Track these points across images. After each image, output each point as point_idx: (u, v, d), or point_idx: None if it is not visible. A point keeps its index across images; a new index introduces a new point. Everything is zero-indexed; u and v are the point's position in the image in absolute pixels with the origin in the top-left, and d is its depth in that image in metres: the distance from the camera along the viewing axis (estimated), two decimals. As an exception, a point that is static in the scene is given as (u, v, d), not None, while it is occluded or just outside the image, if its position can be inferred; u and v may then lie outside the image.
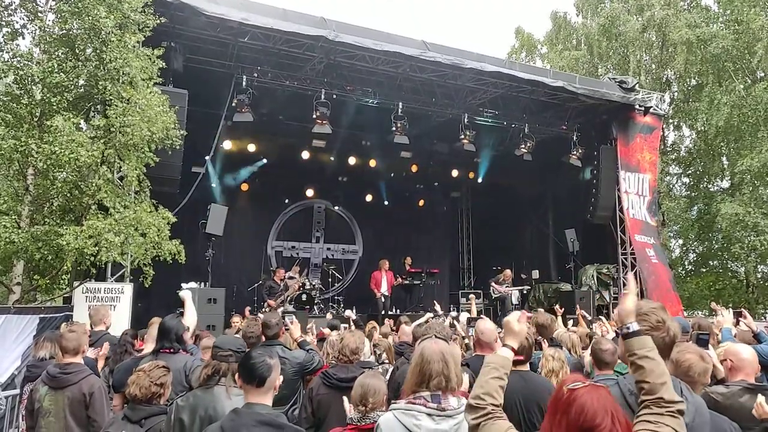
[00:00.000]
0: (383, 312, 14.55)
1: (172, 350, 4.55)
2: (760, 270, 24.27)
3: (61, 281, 12.10)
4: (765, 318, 17.37)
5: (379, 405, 3.35)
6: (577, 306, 11.55)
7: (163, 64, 9.63)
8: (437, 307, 9.40)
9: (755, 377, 4.09)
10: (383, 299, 15.18)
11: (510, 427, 2.20)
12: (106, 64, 8.61)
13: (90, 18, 8.39)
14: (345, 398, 3.50)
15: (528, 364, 4.14)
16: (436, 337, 3.08)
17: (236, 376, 3.47)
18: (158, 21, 9.42)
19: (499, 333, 4.42)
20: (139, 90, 8.77)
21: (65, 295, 10.72)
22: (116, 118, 8.48)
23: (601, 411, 1.88)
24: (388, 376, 5.20)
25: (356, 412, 3.36)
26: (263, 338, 5.38)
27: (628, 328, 2.36)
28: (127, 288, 9.76)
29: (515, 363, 4.05)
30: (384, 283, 15.31)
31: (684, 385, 2.46)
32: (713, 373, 3.81)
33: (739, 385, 3.73)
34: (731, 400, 3.59)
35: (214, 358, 3.58)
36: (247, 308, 12.21)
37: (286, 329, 5.60)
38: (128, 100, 8.61)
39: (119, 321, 8.92)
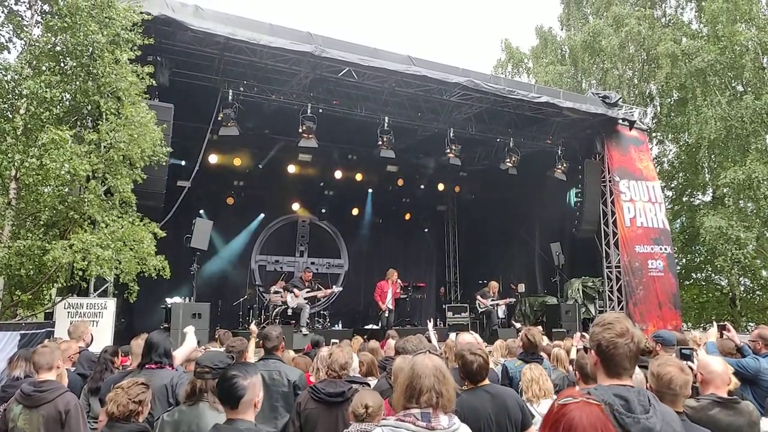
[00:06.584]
0: (387, 327, 13.75)
1: (157, 365, 4.44)
2: (743, 283, 24.47)
3: (44, 296, 11.92)
4: (749, 331, 17.45)
5: (377, 414, 3.33)
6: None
7: (153, 82, 9.55)
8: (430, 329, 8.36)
9: (734, 390, 4.11)
10: (387, 313, 14.51)
11: None
12: (97, 79, 8.55)
13: (82, 33, 8.34)
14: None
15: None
16: (430, 353, 3.08)
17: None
18: (146, 41, 9.36)
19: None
20: (135, 107, 8.74)
21: (47, 311, 10.57)
22: (107, 133, 8.42)
23: (590, 428, 1.83)
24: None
25: (355, 425, 3.36)
26: (246, 356, 5.37)
27: None
28: (110, 303, 9.64)
29: (478, 381, 4.05)
30: (389, 296, 14.62)
31: (650, 394, 2.46)
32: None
33: (708, 398, 3.70)
34: (701, 413, 3.56)
35: (195, 374, 3.56)
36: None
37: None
38: (121, 115, 8.56)
39: (102, 337, 8.82)
